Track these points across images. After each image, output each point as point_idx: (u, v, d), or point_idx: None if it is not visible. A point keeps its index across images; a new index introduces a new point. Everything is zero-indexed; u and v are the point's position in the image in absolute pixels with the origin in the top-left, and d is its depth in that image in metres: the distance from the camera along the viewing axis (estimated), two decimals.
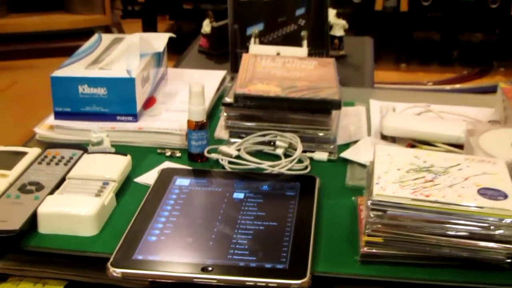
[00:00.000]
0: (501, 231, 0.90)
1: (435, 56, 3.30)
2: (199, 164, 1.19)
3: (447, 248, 0.91)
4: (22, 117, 1.72)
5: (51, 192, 1.02)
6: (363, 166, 1.17)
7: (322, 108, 1.22)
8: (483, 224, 0.91)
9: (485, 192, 0.95)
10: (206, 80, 1.45)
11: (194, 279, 0.86)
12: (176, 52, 2.09)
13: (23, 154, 1.13)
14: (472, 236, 0.91)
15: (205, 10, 3.21)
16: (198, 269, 0.87)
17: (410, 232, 0.92)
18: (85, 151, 1.17)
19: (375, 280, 0.90)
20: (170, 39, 1.50)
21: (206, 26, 1.95)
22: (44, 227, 0.96)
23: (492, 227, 0.91)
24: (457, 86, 3.01)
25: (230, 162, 1.16)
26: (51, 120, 1.27)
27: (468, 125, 1.24)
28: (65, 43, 2.90)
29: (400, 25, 3.27)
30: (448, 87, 2.99)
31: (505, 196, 0.94)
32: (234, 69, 1.40)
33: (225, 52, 1.69)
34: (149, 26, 3.45)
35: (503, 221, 0.90)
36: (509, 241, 0.90)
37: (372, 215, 0.92)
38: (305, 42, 1.55)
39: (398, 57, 3.27)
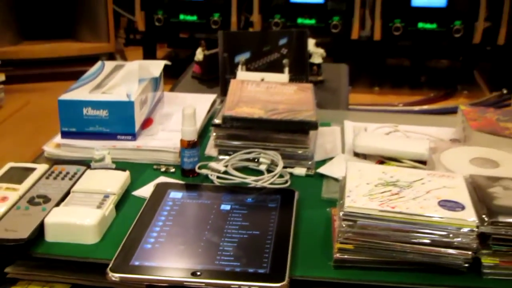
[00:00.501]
0: (459, 239, 0.91)
1: (405, 81, 3.31)
2: (190, 178, 1.18)
3: (412, 254, 0.92)
4: (33, 134, 1.73)
5: (57, 204, 1.02)
6: (337, 180, 1.16)
7: (300, 129, 1.22)
8: (443, 233, 0.91)
9: (444, 204, 0.95)
10: (198, 103, 1.46)
11: (185, 283, 0.86)
12: (173, 75, 2.09)
13: (32, 170, 1.13)
14: (434, 243, 0.91)
15: (199, 39, 3.21)
16: (188, 273, 0.87)
17: (378, 240, 0.92)
18: (88, 167, 1.17)
19: (347, 283, 0.90)
20: (168, 64, 1.51)
21: (199, 54, 1.95)
22: (50, 236, 0.96)
23: (451, 235, 0.91)
24: (425, 107, 3.02)
25: (218, 177, 1.16)
26: (58, 139, 1.26)
27: (431, 144, 1.24)
28: (73, 68, 2.90)
29: (374, 52, 3.28)
30: (416, 108, 3.00)
31: (463, 208, 0.94)
32: (224, 93, 1.41)
33: (216, 78, 1.68)
34: (149, 53, 3.44)
35: (461, 230, 0.91)
36: (467, 248, 0.91)
37: (344, 225, 0.92)
38: (286, 69, 1.55)
39: (372, 81, 3.27)
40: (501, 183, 1.03)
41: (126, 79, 1.35)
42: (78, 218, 0.97)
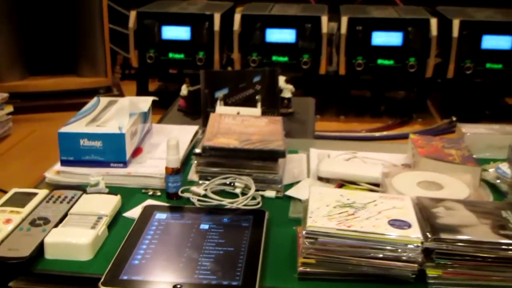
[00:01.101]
0: (406, 254, 0.92)
1: (367, 110, 3.31)
2: (174, 201, 1.18)
3: (366, 267, 0.93)
4: (37, 161, 1.73)
5: (56, 225, 1.02)
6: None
7: (270, 157, 1.22)
8: (393, 248, 0.92)
9: (394, 222, 0.96)
10: (182, 134, 1.47)
11: None
12: (163, 106, 2.07)
13: (34, 194, 1.13)
14: (385, 257, 0.92)
15: (186, 74, 3.21)
16: (170, 287, 0.87)
17: (336, 255, 0.93)
18: (84, 191, 1.16)
19: None
20: (159, 97, 1.52)
21: (184, 90, 1.95)
22: (49, 254, 0.96)
23: (399, 250, 0.92)
24: (384, 133, 3.04)
25: (199, 200, 1.16)
26: (58, 166, 1.26)
27: (384, 169, 1.25)
28: (75, 100, 2.89)
29: (339, 85, 3.29)
30: (377, 134, 3.02)
31: (409, 226, 0.96)
32: (205, 124, 1.41)
33: (199, 111, 1.68)
34: (142, 87, 3.44)
35: (408, 246, 0.92)
36: (413, 261, 0.92)
37: (306, 242, 0.93)
38: (259, 104, 1.56)
39: (339, 110, 3.27)
40: (443, 204, 1.04)
41: (118, 113, 1.35)
42: (74, 238, 0.98)
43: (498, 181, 1.29)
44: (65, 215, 1.06)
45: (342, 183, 1.27)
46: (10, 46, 3.24)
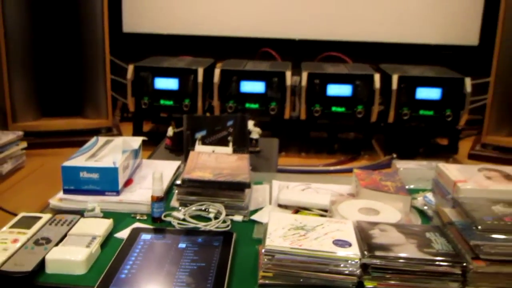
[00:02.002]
0: (347, 268, 0.93)
1: (324, 148, 3.31)
2: (158, 224, 1.17)
3: (314, 279, 0.93)
4: (45, 190, 1.69)
5: (56, 244, 1.01)
6: None
7: (238, 187, 1.22)
8: (336, 264, 0.93)
9: (337, 242, 0.97)
10: (167, 168, 1.46)
11: None
12: (155, 143, 2.09)
13: (39, 218, 1.12)
14: (329, 271, 0.93)
15: (175, 117, 3.21)
16: None
17: (290, 269, 0.93)
18: (82, 215, 1.16)
19: None
20: (151, 137, 1.52)
21: (170, 131, 1.95)
22: (49, 269, 0.95)
23: (341, 265, 0.93)
24: (338, 167, 3.06)
25: (178, 223, 1.16)
26: (60, 194, 1.25)
27: (332, 197, 1.25)
28: (80, 138, 2.88)
29: (301, 128, 3.29)
30: (331, 168, 3.04)
31: (350, 245, 0.96)
32: (186, 160, 1.42)
33: (181, 149, 1.67)
34: (137, 127, 3.43)
35: (348, 262, 0.93)
36: (353, 274, 0.92)
37: (265, 259, 0.94)
38: (231, 144, 1.56)
39: (300, 148, 3.27)
40: (378, 226, 1.05)
41: (113, 151, 1.35)
42: (71, 255, 0.97)
43: (426, 207, 1.29)
44: (65, 236, 1.05)
45: (297, 209, 1.26)
46: (26, 91, 3.22)
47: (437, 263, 0.93)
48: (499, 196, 1.06)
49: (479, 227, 0.95)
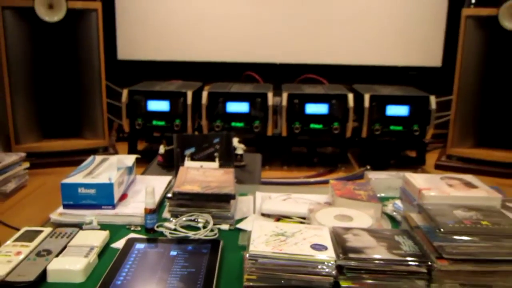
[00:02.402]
0: (324, 269, 0.93)
1: (304, 162, 3.30)
2: (151, 234, 1.17)
3: (294, 280, 0.93)
4: (47, 206, 1.67)
5: (57, 255, 1.01)
6: None
7: (224, 199, 1.22)
8: (314, 265, 0.93)
9: (314, 246, 0.98)
10: (159, 183, 1.46)
11: None
12: (148, 160, 2.09)
13: (41, 231, 1.11)
14: (308, 272, 0.93)
15: (166, 137, 3.22)
16: None
17: (272, 272, 0.93)
18: (81, 228, 1.15)
19: None
20: (145, 155, 1.52)
21: (162, 149, 1.94)
22: (51, 278, 0.95)
23: (319, 267, 0.93)
24: (317, 179, 3.05)
25: (170, 232, 1.16)
26: (60, 209, 1.24)
27: (310, 206, 1.26)
28: (79, 157, 2.83)
29: (282, 143, 3.28)
30: (312, 179, 3.04)
31: (326, 248, 0.97)
32: (176, 175, 1.42)
33: (172, 165, 1.67)
34: (132, 147, 3.40)
35: (325, 264, 0.93)
36: (329, 275, 0.93)
37: (249, 263, 0.94)
38: (217, 159, 1.56)
39: (282, 162, 3.26)
40: (352, 231, 1.06)
41: (108, 168, 1.35)
42: (70, 265, 0.96)
43: (395, 213, 1.31)
44: (65, 247, 1.05)
45: (279, 218, 1.27)
46: (27, 115, 3.20)
47: (405, 263, 0.94)
48: (459, 202, 1.07)
49: (442, 230, 0.95)
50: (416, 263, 0.94)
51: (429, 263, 0.94)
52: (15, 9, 3.01)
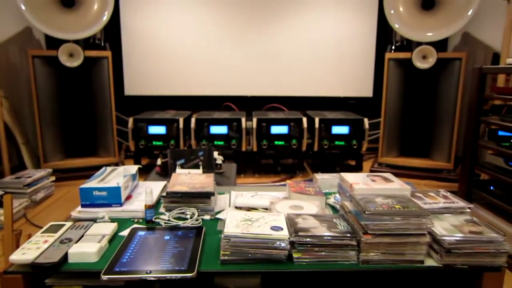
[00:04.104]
0: (280, 245, 0.94)
1: (270, 170, 3.29)
2: (150, 224, 1.17)
3: (258, 254, 0.94)
4: (68, 210, 1.66)
5: (76, 242, 1.01)
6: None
7: (206, 196, 1.23)
8: (273, 242, 0.95)
9: (273, 228, 0.99)
10: (157, 186, 1.46)
11: (143, 278, 0.86)
12: (148, 171, 2.09)
13: (63, 225, 1.11)
14: (268, 247, 0.94)
15: (163, 153, 3.21)
16: (145, 273, 0.87)
17: (241, 248, 0.95)
18: (95, 222, 1.15)
19: (227, 272, 0.93)
20: (147, 168, 1.51)
21: (159, 161, 1.93)
22: (71, 259, 0.95)
23: (276, 243, 0.94)
24: (282, 182, 3.05)
25: (165, 222, 1.16)
26: (79, 208, 1.24)
27: (272, 200, 1.28)
28: (95, 172, 2.83)
29: (254, 157, 3.26)
30: (277, 184, 3.02)
31: (282, 229, 0.98)
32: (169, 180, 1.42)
33: (167, 173, 1.67)
34: (137, 162, 3.35)
35: (281, 240, 0.95)
36: (285, 249, 0.94)
37: (224, 242, 0.95)
38: (201, 168, 1.55)
39: (253, 171, 3.24)
40: (302, 216, 1.08)
41: (117, 176, 1.35)
42: (87, 248, 0.97)
43: (335, 203, 1.33)
44: (82, 236, 1.05)
45: (248, 209, 1.28)
46: (53, 140, 3.15)
47: (340, 238, 0.97)
48: (380, 192, 1.09)
49: (366, 212, 0.98)
50: (348, 238, 0.97)
51: (358, 237, 0.97)
52: (43, 57, 2.99)
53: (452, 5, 2.96)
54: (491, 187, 2.04)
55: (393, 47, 3.30)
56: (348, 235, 0.98)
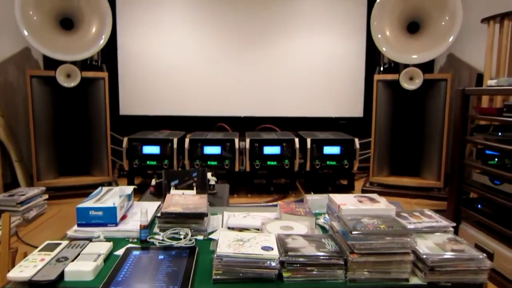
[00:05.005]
0: (271, 264, 0.96)
1: (263, 190, 3.29)
2: (144, 244, 1.19)
3: (250, 273, 0.96)
4: (61, 229, 1.65)
5: (72, 261, 1.02)
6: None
7: (199, 216, 1.25)
8: (263, 261, 0.97)
9: (264, 248, 1.02)
10: (151, 206, 1.48)
11: None
12: (143, 191, 2.09)
13: (60, 243, 1.13)
14: (259, 267, 0.96)
15: (157, 173, 3.22)
16: None
17: (233, 267, 0.97)
18: (91, 240, 1.17)
19: None
20: (140, 187, 1.52)
21: (153, 182, 1.93)
22: (67, 277, 0.97)
23: (267, 263, 0.97)
24: (274, 202, 3.04)
25: (159, 242, 1.17)
26: (75, 227, 1.25)
27: (263, 220, 1.30)
28: (88, 191, 2.79)
29: (247, 177, 3.27)
30: (270, 204, 3.03)
31: (272, 249, 1.01)
32: (164, 200, 1.44)
33: (161, 193, 1.66)
34: (131, 181, 3.35)
35: (271, 260, 0.97)
36: (275, 268, 0.96)
37: (216, 261, 0.97)
38: (195, 188, 1.56)
39: (247, 191, 3.24)
40: (291, 237, 1.11)
41: (112, 196, 1.37)
42: (83, 267, 0.98)
43: (325, 224, 1.36)
44: (78, 255, 1.06)
45: (240, 230, 1.29)
46: (47, 158, 3.16)
47: (328, 257, 1.00)
48: (366, 212, 1.13)
49: (353, 232, 1.01)
50: (336, 257, 1.00)
51: (345, 257, 1.00)
52: (41, 77, 3.04)
53: (434, 30, 3.08)
54: (479, 205, 2.08)
55: (382, 69, 3.38)
56: (336, 254, 1.01)
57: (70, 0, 2.96)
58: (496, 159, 2.08)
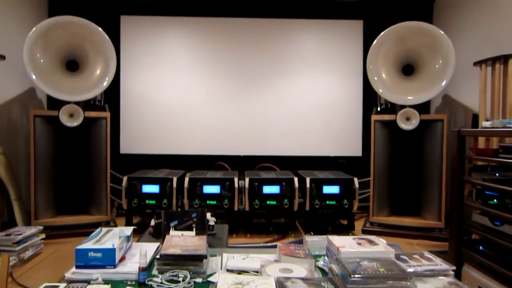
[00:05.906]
0: None
1: (263, 230, 3.25)
2: (143, 286, 1.18)
3: None
4: (57, 270, 1.63)
5: None
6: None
7: (198, 258, 1.24)
8: None
9: None
10: (150, 248, 1.47)
11: None
12: (141, 231, 2.08)
13: (58, 286, 1.12)
14: None
15: (156, 212, 3.20)
16: None
17: None
18: (89, 283, 1.16)
19: None
20: (139, 227, 1.51)
21: (152, 222, 1.92)
22: None
23: None
24: (274, 243, 2.99)
25: (158, 285, 1.16)
26: (73, 269, 1.25)
27: (262, 263, 1.29)
28: (86, 230, 2.80)
29: (246, 216, 3.24)
30: (269, 244, 2.99)
31: None
32: (163, 242, 1.44)
33: (161, 234, 1.65)
34: (129, 221, 3.32)
35: None
36: None
37: None
38: (194, 230, 1.56)
39: (246, 231, 3.21)
40: (291, 280, 1.11)
41: (112, 237, 1.37)
42: None
43: (324, 266, 1.35)
44: None
45: (239, 272, 1.28)
46: (46, 197, 3.16)
47: None
48: (365, 255, 1.14)
49: (352, 276, 1.02)
50: None
51: None
52: (44, 117, 3.10)
53: (429, 72, 3.19)
54: (481, 247, 2.07)
55: (379, 109, 3.46)
56: None
57: (77, 43, 3.08)
58: (495, 200, 2.09)
